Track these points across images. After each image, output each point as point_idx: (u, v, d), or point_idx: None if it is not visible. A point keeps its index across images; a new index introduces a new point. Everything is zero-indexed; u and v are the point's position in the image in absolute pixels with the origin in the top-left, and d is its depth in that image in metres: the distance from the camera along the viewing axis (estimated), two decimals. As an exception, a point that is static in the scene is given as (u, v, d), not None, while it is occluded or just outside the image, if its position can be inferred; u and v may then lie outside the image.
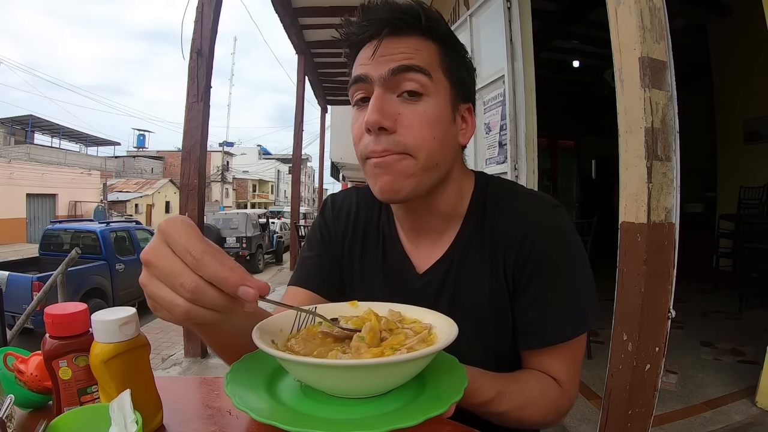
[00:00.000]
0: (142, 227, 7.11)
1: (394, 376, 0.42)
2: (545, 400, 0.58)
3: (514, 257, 0.60)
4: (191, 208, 3.27)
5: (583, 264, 0.61)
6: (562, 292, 0.59)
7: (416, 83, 0.56)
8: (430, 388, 0.45)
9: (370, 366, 0.39)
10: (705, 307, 4.05)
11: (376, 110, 0.55)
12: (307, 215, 20.44)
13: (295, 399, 0.44)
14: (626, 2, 1.50)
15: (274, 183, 43.06)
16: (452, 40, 0.61)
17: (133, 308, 0.53)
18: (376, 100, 0.56)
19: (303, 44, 6.91)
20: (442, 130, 0.58)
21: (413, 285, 0.66)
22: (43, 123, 22.14)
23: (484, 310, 0.61)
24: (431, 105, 0.57)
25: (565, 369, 0.60)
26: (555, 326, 0.58)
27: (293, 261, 7.93)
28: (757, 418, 2.13)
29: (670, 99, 1.47)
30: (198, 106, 3.26)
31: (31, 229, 17.34)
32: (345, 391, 0.43)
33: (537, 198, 0.64)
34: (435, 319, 0.50)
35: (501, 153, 2.93)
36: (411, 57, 0.56)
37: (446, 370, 0.48)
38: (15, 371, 0.58)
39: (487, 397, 0.53)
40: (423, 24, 0.57)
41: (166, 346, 3.84)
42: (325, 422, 0.39)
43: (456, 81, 0.60)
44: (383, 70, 0.56)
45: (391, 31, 0.57)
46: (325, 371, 0.40)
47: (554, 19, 5.08)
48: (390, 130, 0.56)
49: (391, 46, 0.57)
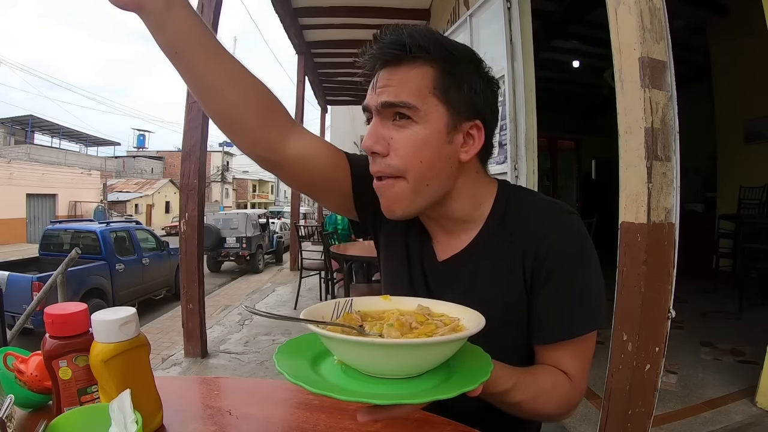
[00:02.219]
0: (142, 227, 7.11)
1: (430, 357, 0.46)
2: (557, 392, 0.62)
3: (532, 258, 0.64)
4: (191, 208, 3.27)
5: (595, 266, 0.65)
6: (574, 292, 0.63)
7: (403, 110, 0.61)
8: (459, 371, 0.49)
9: (410, 345, 0.44)
10: (705, 307, 4.05)
11: (369, 136, 0.62)
12: (307, 215, 20.43)
13: (338, 377, 0.48)
14: (626, 2, 1.50)
15: (274, 183, 43.05)
16: (453, 60, 0.62)
17: (133, 308, 0.53)
18: (372, 126, 0.63)
19: (303, 44, 6.90)
20: (430, 153, 0.61)
21: (434, 270, 0.71)
22: (43, 123, 22.15)
23: (497, 304, 0.65)
24: (418, 130, 0.61)
25: (575, 364, 0.64)
26: (567, 323, 0.63)
27: (293, 261, 7.92)
28: (757, 418, 2.13)
29: (670, 99, 1.47)
30: (198, 106, 3.25)
31: (31, 229, 17.35)
32: (384, 370, 0.47)
33: (555, 204, 0.68)
34: (462, 312, 0.54)
35: (501, 153, 2.93)
36: (396, 91, 0.60)
37: (473, 356, 0.52)
38: (15, 371, 0.58)
39: (505, 387, 0.56)
40: (409, 54, 0.61)
41: (166, 346, 3.84)
42: (372, 395, 0.43)
43: (455, 102, 0.62)
44: (378, 101, 0.62)
45: (383, 64, 0.63)
46: (368, 348, 0.44)
47: (554, 19, 5.08)
48: (382, 153, 0.62)
49: (384, 78, 0.62)
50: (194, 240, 3.26)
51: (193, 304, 3.29)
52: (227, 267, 10.14)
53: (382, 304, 0.60)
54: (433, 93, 0.61)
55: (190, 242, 3.26)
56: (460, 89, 0.62)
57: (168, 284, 6.94)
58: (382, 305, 0.59)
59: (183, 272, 3.33)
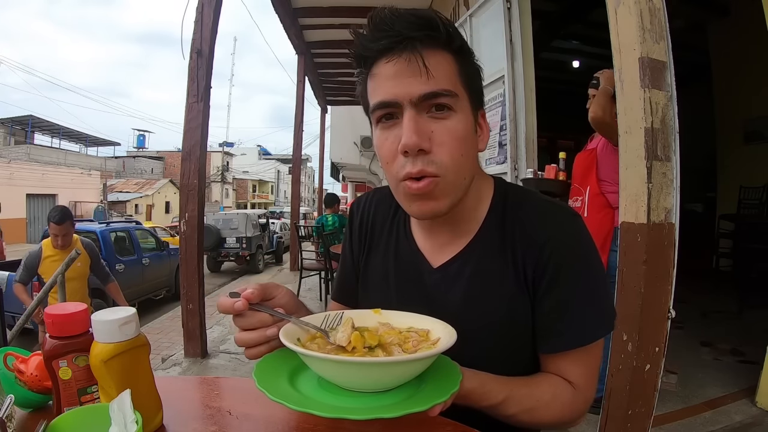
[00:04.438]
0: (142, 227, 7.12)
1: (403, 373, 0.48)
2: (558, 403, 0.60)
3: (534, 263, 0.60)
4: (191, 209, 3.27)
5: (600, 271, 0.62)
6: (580, 298, 0.60)
7: (444, 101, 0.56)
8: (431, 383, 0.51)
9: (384, 363, 0.47)
10: (705, 307, 4.04)
11: (413, 132, 0.55)
12: (307, 215, 20.44)
13: (315, 391, 0.51)
14: (626, 2, 1.50)
15: (274, 183, 43.06)
16: (467, 48, 0.61)
17: (133, 308, 0.53)
18: (411, 122, 0.55)
19: (303, 44, 6.90)
20: (468, 145, 0.59)
21: (427, 280, 0.67)
22: (42, 123, 22.13)
23: (498, 312, 0.62)
24: (459, 120, 0.57)
25: (581, 372, 0.61)
26: (573, 332, 0.60)
27: (293, 261, 7.92)
28: (757, 418, 2.13)
29: (670, 99, 1.47)
30: (198, 106, 3.26)
31: (31, 229, 17.34)
32: (360, 385, 0.49)
33: (556, 206, 0.64)
34: (439, 327, 0.55)
35: (501, 153, 2.93)
36: (437, 78, 0.55)
37: (443, 368, 0.53)
38: (15, 371, 0.58)
39: (495, 400, 0.56)
40: (443, 36, 0.56)
41: (166, 346, 3.84)
42: (350, 409, 0.45)
43: (473, 90, 0.60)
44: (413, 93, 0.55)
45: (406, 46, 0.55)
46: (344, 366, 0.47)
47: (554, 19, 5.09)
48: (427, 150, 0.56)
49: (413, 64, 0.54)
50: (194, 240, 3.26)
51: (193, 304, 3.29)
52: (227, 267, 10.15)
53: (372, 318, 0.60)
54: (459, 80, 0.58)
55: (190, 242, 3.26)
56: (473, 77, 0.61)
57: (168, 284, 6.94)
58: (372, 319, 0.60)
59: (183, 272, 3.33)
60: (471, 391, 0.54)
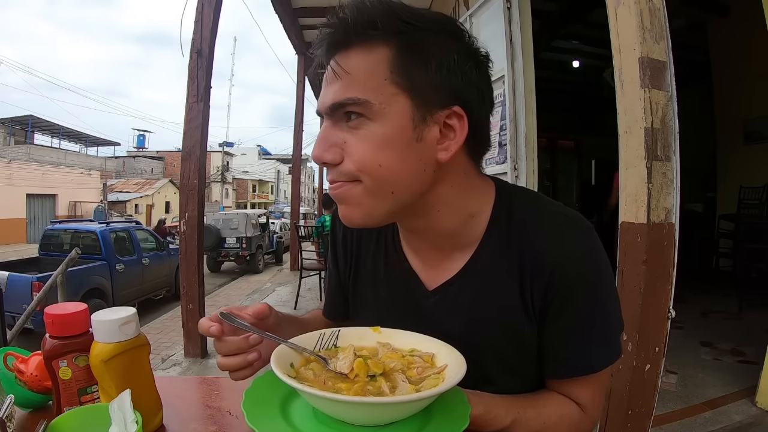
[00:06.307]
0: (142, 227, 7.12)
1: (410, 410, 0.46)
2: (564, 425, 0.57)
3: (542, 285, 0.55)
4: (191, 209, 3.27)
5: (612, 290, 0.58)
6: (593, 325, 0.56)
7: (352, 108, 0.50)
8: (438, 418, 0.47)
9: (389, 404, 0.44)
10: (705, 307, 4.04)
11: (317, 143, 0.53)
12: (307, 215, 20.43)
13: (310, 424, 0.47)
14: (626, 2, 1.50)
15: (274, 183, 43.05)
16: (412, 31, 0.50)
17: (133, 308, 0.53)
18: (321, 132, 0.53)
19: (303, 44, 6.91)
20: (393, 155, 0.50)
21: (423, 303, 0.62)
22: (42, 123, 22.13)
23: (502, 336, 0.58)
24: (375, 129, 0.50)
25: (590, 395, 0.59)
26: (585, 359, 0.56)
27: (293, 261, 7.92)
28: (757, 418, 2.13)
29: (670, 99, 1.47)
30: (198, 106, 3.26)
31: (31, 229, 17.33)
32: (360, 422, 0.46)
33: (568, 219, 0.57)
34: (447, 354, 0.52)
35: (501, 153, 2.93)
36: (344, 86, 0.50)
37: (449, 398, 0.49)
38: (15, 371, 0.58)
39: (503, 424, 0.53)
40: (354, 33, 0.49)
41: (166, 346, 3.84)
42: None
43: (420, 86, 0.50)
44: (325, 103, 0.52)
45: (332, 52, 0.52)
46: (344, 406, 0.44)
47: (554, 19, 5.09)
48: (333, 162, 0.52)
49: (332, 71, 0.51)
50: (194, 240, 3.26)
51: (193, 304, 3.29)
52: (227, 267, 10.14)
53: (372, 336, 0.57)
54: (390, 79, 0.49)
55: (190, 242, 3.27)
56: (426, 69, 0.50)
57: (168, 284, 6.94)
58: (371, 338, 0.57)
59: (183, 272, 3.34)
60: (477, 417, 0.51)
